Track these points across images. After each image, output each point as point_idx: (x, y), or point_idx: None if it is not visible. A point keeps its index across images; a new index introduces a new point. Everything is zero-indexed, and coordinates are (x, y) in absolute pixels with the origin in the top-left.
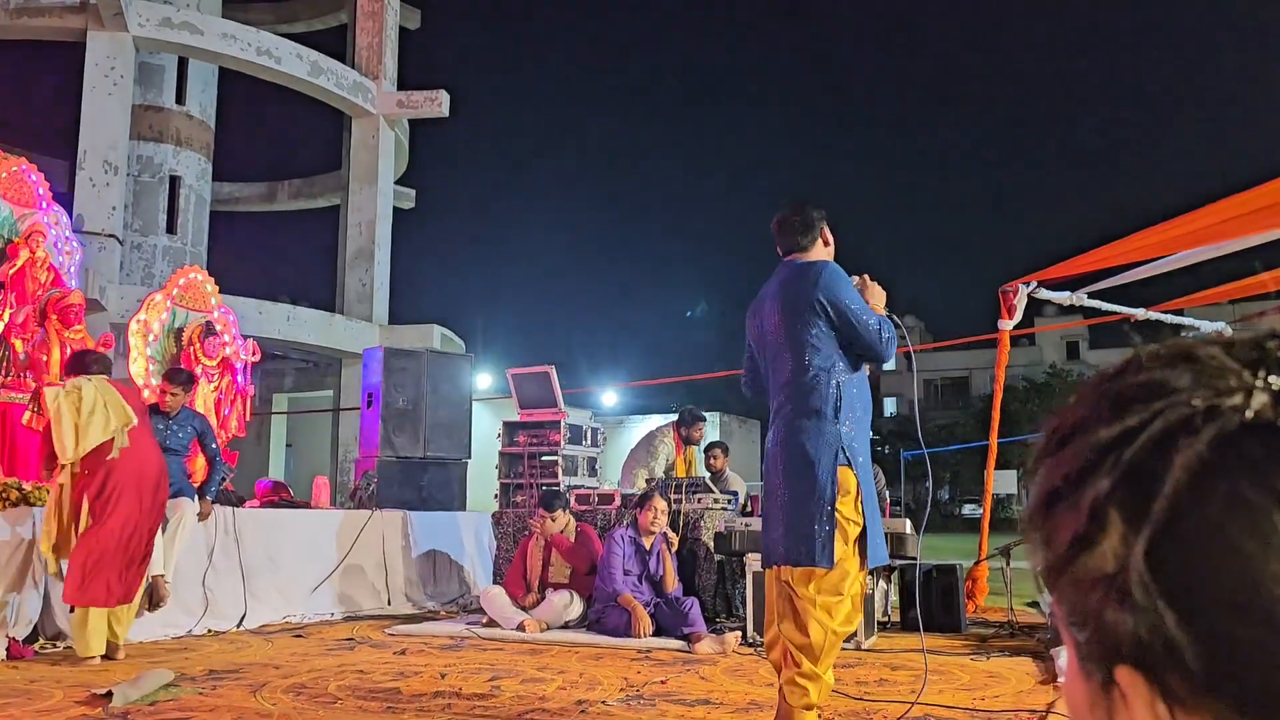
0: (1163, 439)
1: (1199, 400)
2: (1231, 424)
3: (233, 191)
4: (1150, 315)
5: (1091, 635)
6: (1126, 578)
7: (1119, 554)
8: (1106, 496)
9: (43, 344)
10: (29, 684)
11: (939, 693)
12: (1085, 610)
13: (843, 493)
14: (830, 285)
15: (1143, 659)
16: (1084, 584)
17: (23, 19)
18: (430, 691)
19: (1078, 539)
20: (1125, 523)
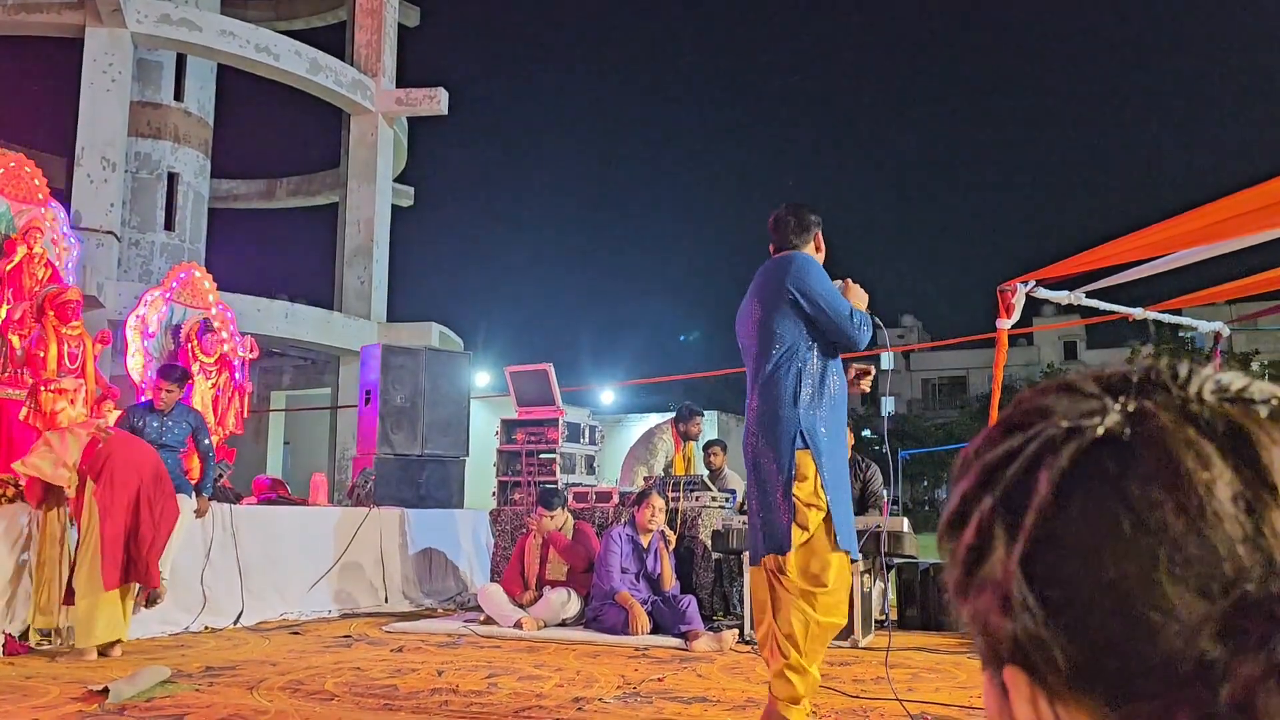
0: (1034, 458)
1: (1065, 421)
2: (1087, 441)
3: (231, 188)
4: (1148, 315)
5: (986, 640)
6: (1007, 584)
7: (1003, 564)
8: (991, 511)
9: (40, 340)
10: (25, 680)
11: (935, 691)
12: (980, 617)
13: (800, 477)
14: (799, 274)
15: (1022, 657)
16: (979, 593)
17: (20, 15)
18: (427, 689)
19: (973, 552)
20: (1006, 535)
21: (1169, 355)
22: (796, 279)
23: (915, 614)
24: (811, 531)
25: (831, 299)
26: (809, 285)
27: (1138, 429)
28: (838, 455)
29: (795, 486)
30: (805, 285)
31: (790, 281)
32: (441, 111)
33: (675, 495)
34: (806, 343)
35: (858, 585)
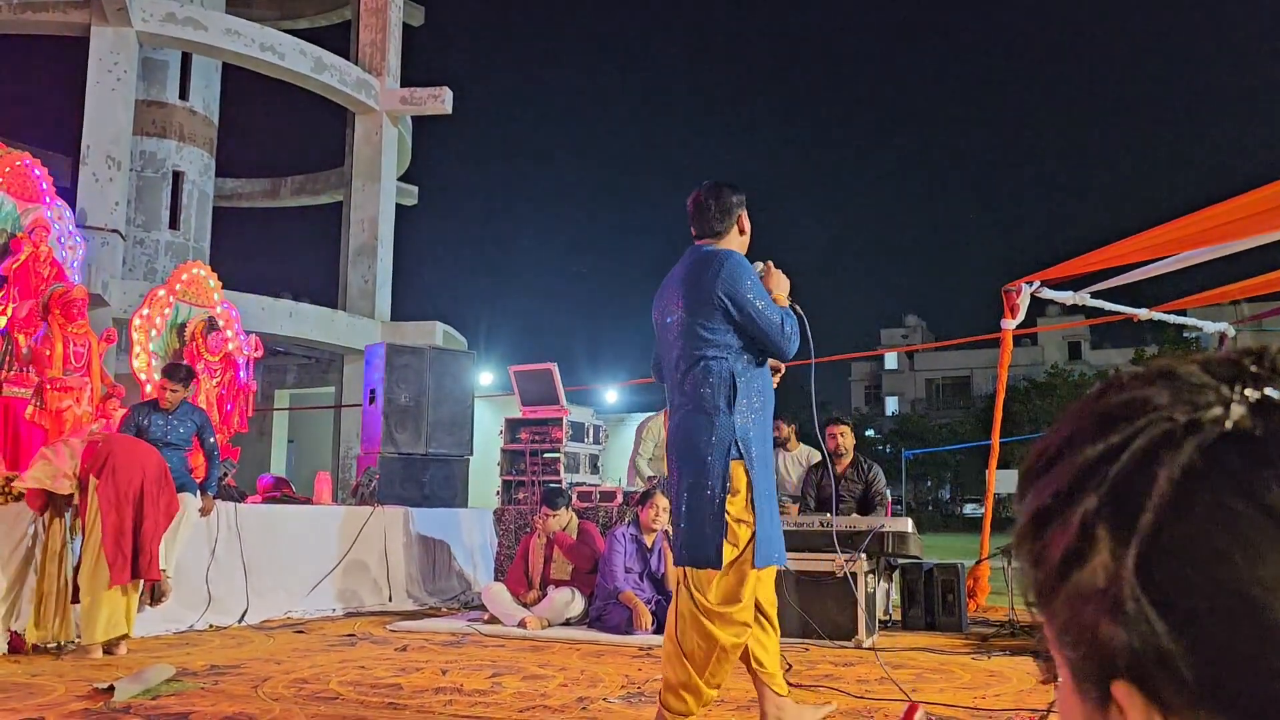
0: (1146, 454)
1: (1180, 415)
2: (1211, 436)
3: (235, 187)
4: (1153, 315)
5: (1086, 652)
6: (1119, 592)
7: (1109, 569)
8: (1095, 513)
9: (45, 339)
10: (31, 678)
11: (940, 691)
12: (1079, 627)
13: (733, 491)
14: (731, 278)
15: (1138, 672)
16: (1077, 601)
17: (26, 13)
18: (431, 688)
19: (1069, 556)
20: (1114, 538)
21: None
22: (727, 284)
23: (919, 614)
24: (741, 549)
25: (765, 310)
26: (740, 292)
27: (1269, 422)
28: (768, 464)
29: (728, 502)
30: (736, 292)
31: (720, 287)
32: (446, 111)
33: None
34: (737, 347)
35: (861, 585)
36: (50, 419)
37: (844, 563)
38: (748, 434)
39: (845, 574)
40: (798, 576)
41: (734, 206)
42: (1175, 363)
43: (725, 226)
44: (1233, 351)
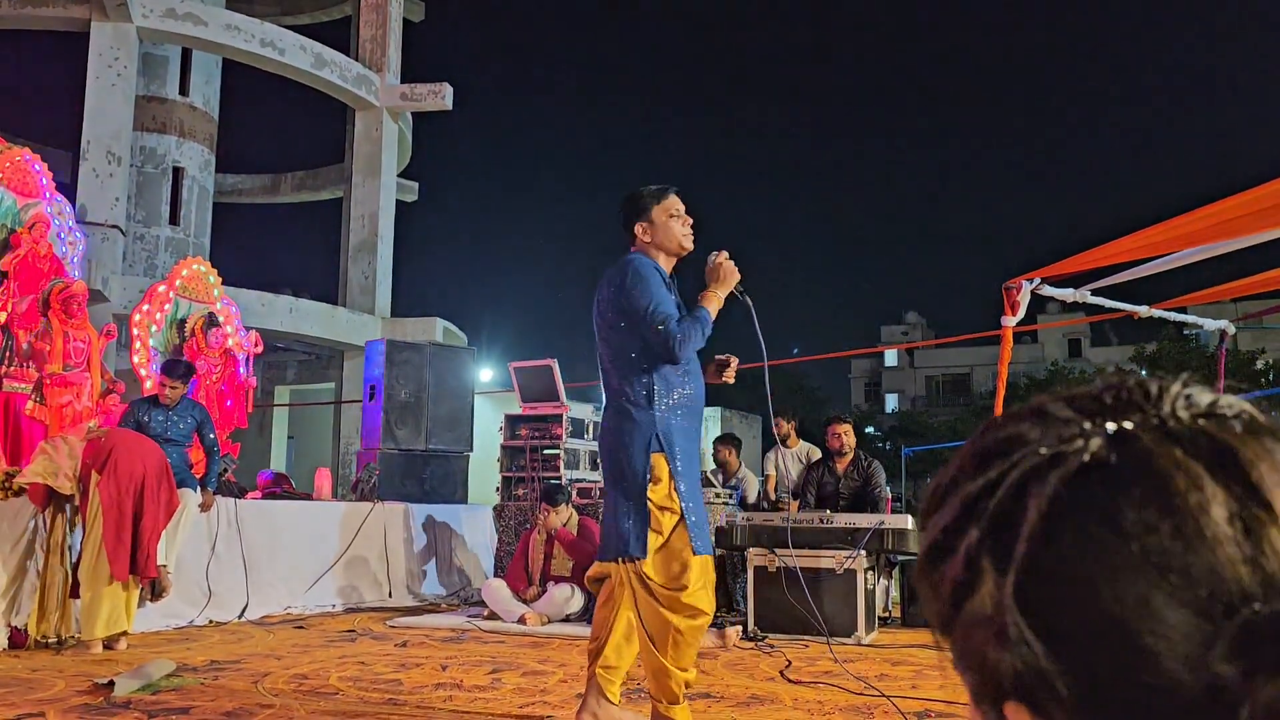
0: (1018, 486)
1: (1045, 449)
2: (1073, 467)
3: (236, 183)
4: (1154, 313)
5: (980, 676)
6: (1001, 618)
7: (994, 597)
8: (978, 544)
9: (45, 334)
10: (31, 673)
11: (939, 688)
12: (972, 652)
13: (654, 480)
14: (628, 286)
15: (1024, 692)
16: (969, 628)
17: (27, 9)
18: (431, 684)
19: (959, 587)
20: (995, 567)
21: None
22: (625, 290)
23: (919, 611)
24: (665, 535)
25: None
26: (631, 299)
27: (1122, 452)
28: (693, 457)
29: (650, 490)
30: (628, 298)
31: (620, 292)
32: (446, 106)
33: None
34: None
35: (861, 582)
36: (50, 414)
37: (844, 559)
38: (669, 428)
39: (845, 570)
40: (798, 573)
41: (644, 204)
42: (1046, 401)
43: (631, 233)
44: (1097, 386)
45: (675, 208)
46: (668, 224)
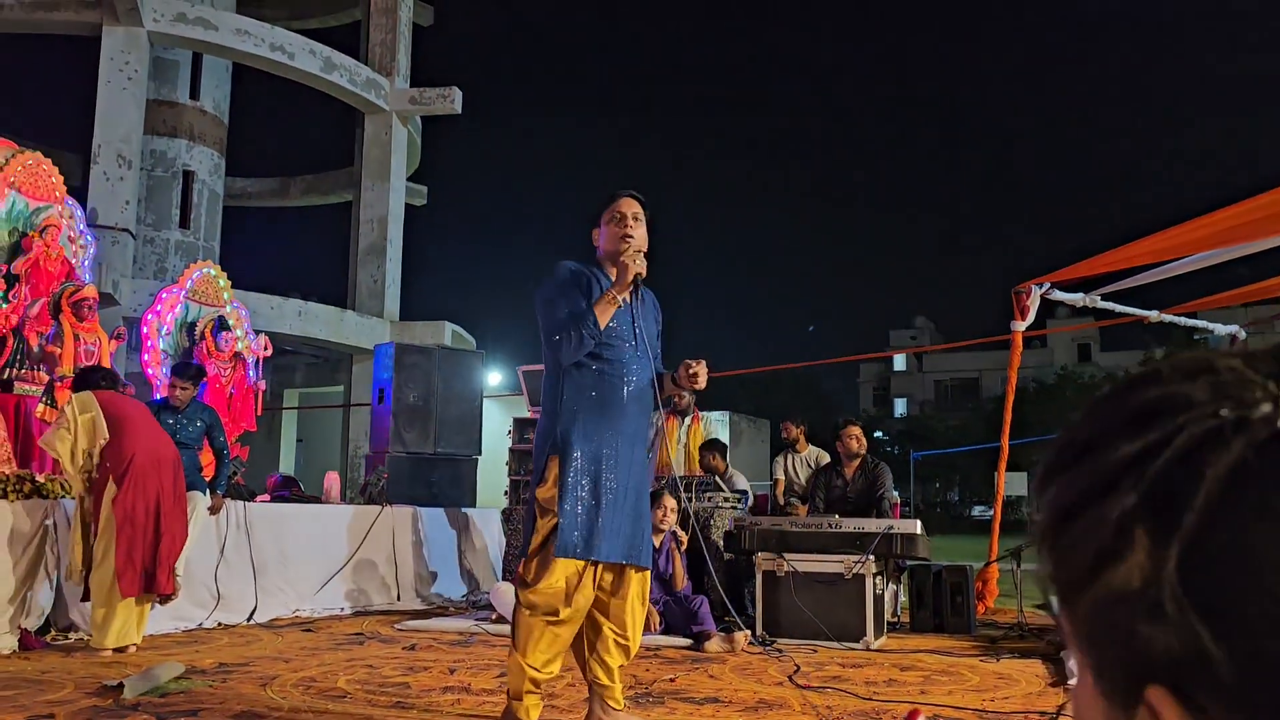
0: (1189, 452)
1: (1226, 412)
2: (1261, 435)
3: (245, 187)
4: (1164, 318)
5: (1116, 654)
6: (1158, 594)
7: (1146, 570)
8: (1132, 512)
9: (56, 337)
10: (41, 675)
11: (948, 694)
12: (1109, 628)
13: (543, 480)
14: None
15: (1175, 676)
16: (1107, 601)
17: (39, 13)
18: (439, 687)
19: (1101, 555)
20: (1153, 539)
21: None
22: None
23: (927, 616)
24: (543, 535)
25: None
26: (536, 301)
27: None
28: (596, 460)
29: (539, 490)
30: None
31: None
32: (455, 111)
33: (687, 495)
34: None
35: (870, 587)
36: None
37: (852, 564)
38: (570, 431)
39: (853, 575)
40: (806, 577)
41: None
42: (1214, 357)
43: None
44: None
45: (616, 210)
46: (606, 229)
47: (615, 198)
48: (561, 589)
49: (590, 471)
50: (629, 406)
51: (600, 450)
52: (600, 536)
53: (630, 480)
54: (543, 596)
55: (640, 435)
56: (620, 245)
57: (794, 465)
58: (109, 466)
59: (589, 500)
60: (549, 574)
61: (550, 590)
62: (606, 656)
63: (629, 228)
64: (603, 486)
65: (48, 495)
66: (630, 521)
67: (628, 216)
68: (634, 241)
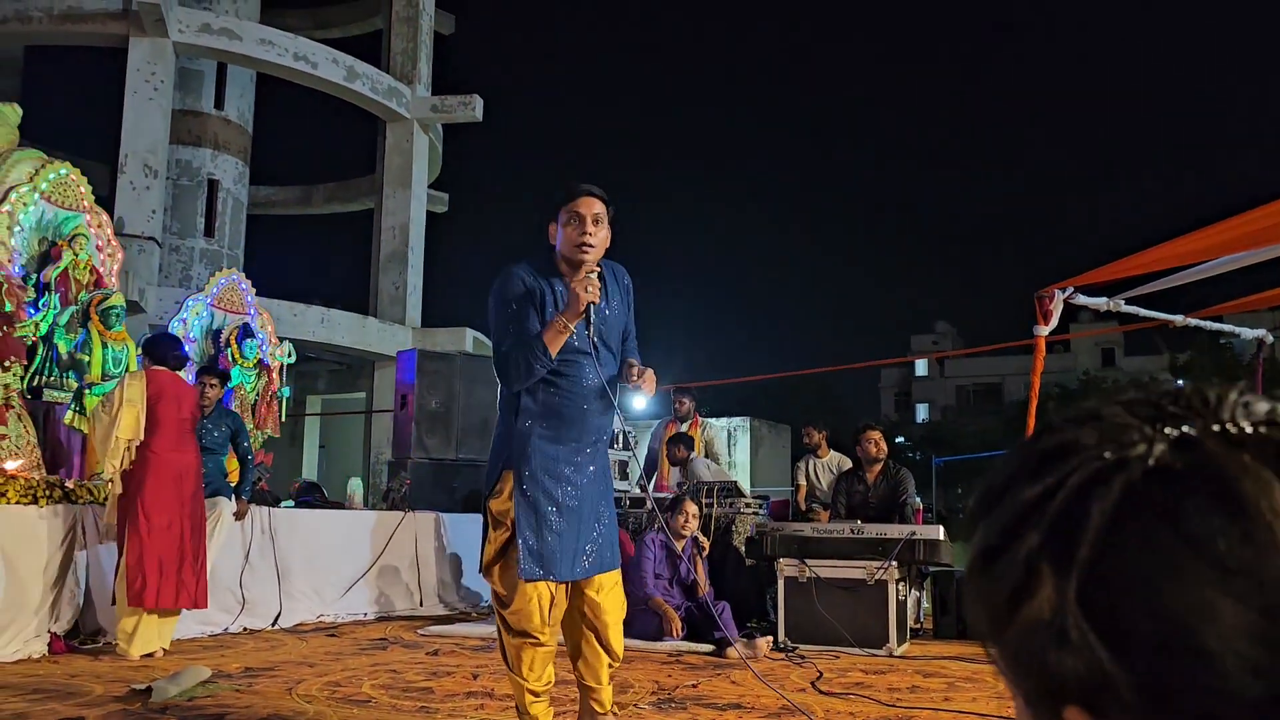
0: (1080, 491)
1: (1108, 453)
2: (1137, 472)
3: (269, 195)
4: (1189, 322)
5: (1037, 681)
6: (1063, 622)
7: (1053, 602)
8: (1038, 549)
9: (85, 345)
10: (69, 679)
11: (972, 701)
12: (1029, 657)
13: (496, 493)
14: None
15: (1085, 697)
16: (1026, 633)
17: (66, 25)
18: (463, 692)
19: (1016, 591)
20: (1056, 572)
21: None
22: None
23: (951, 623)
24: (496, 546)
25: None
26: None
27: (1186, 458)
28: (554, 476)
29: (492, 502)
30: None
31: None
32: (476, 118)
33: (709, 501)
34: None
35: (892, 593)
36: (89, 424)
37: (875, 570)
38: (525, 444)
39: (876, 581)
40: (828, 583)
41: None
42: (1100, 406)
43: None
44: (1152, 393)
45: (575, 210)
46: (563, 229)
47: (574, 195)
48: (534, 609)
49: (548, 488)
50: (589, 417)
51: (558, 465)
52: (564, 556)
53: (591, 490)
54: (520, 620)
55: (601, 442)
56: (577, 254)
57: (815, 471)
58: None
59: (549, 519)
60: (520, 596)
61: (524, 612)
62: (592, 659)
63: (588, 234)
64: (563, 504)
65: (76, 501)
66: (594, 533)
67: (587, 219)
68: (589, 255)
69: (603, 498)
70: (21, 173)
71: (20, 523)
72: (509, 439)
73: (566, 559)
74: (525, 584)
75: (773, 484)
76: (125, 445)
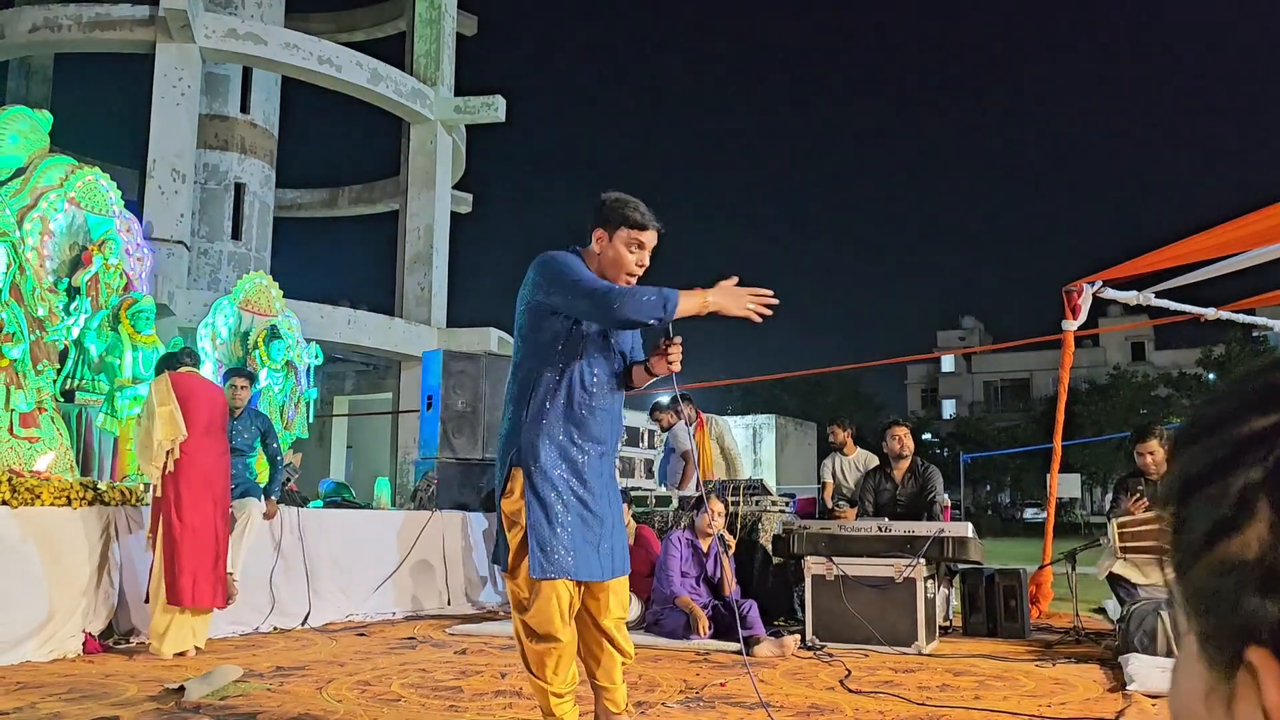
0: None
1: None
2: None
3: (295, 198)
4: (1221, 315)
5: (1223, 619)
6: (1274, 565)
7: (1264, 541)
8: (1258, 485)
9: (115, 348)
10: (104, 678)
11: (1003, 699)
12: (1221, 594)
13: (508, 493)
14: (538, 272)
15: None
16: (1221, 570)
17: (95, 32)
18: (491, 691)
19: (1220, 524)
20: (1276, 511)
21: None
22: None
23: (981, 621)
24: (514, 549)
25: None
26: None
27: None
28: (572, 475)
29: (504, 501)
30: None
31: (527, 286)
32: (499, 119)
33: (735, 499)
34: (534, 353)
35: (921, 591)
36: (121, 426)
37: (903, 568)
38: (535, 439)
39: (904, 579)
40: (856, 581)
41: (597, 218)
42: None
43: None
44: None
45: (641, 239)
46: (621, 249)
47: (647, 225)
48: (554, 610)
49: (561, 485)
50: (596, 418)
51: (569, 463)
52: (580, 555)
53: (601, 491)
54: (540, 624)
55: (609, 447)
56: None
57: (842, 468)
58: (174, 469)
59: (563, 517)
60: (540, 597)
61: (545, 614)
62: (605, 660)
63: (644, 265)
64: (577, 500)
65: (110, 503)
66: (610, 534)
67: (648, 250)
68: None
69: (613, 502)
70: (52, 178)
71: (55, 524)
72: (516, 435)
73: (585, 558)
74: (543, 584)
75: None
76: (167, 448)
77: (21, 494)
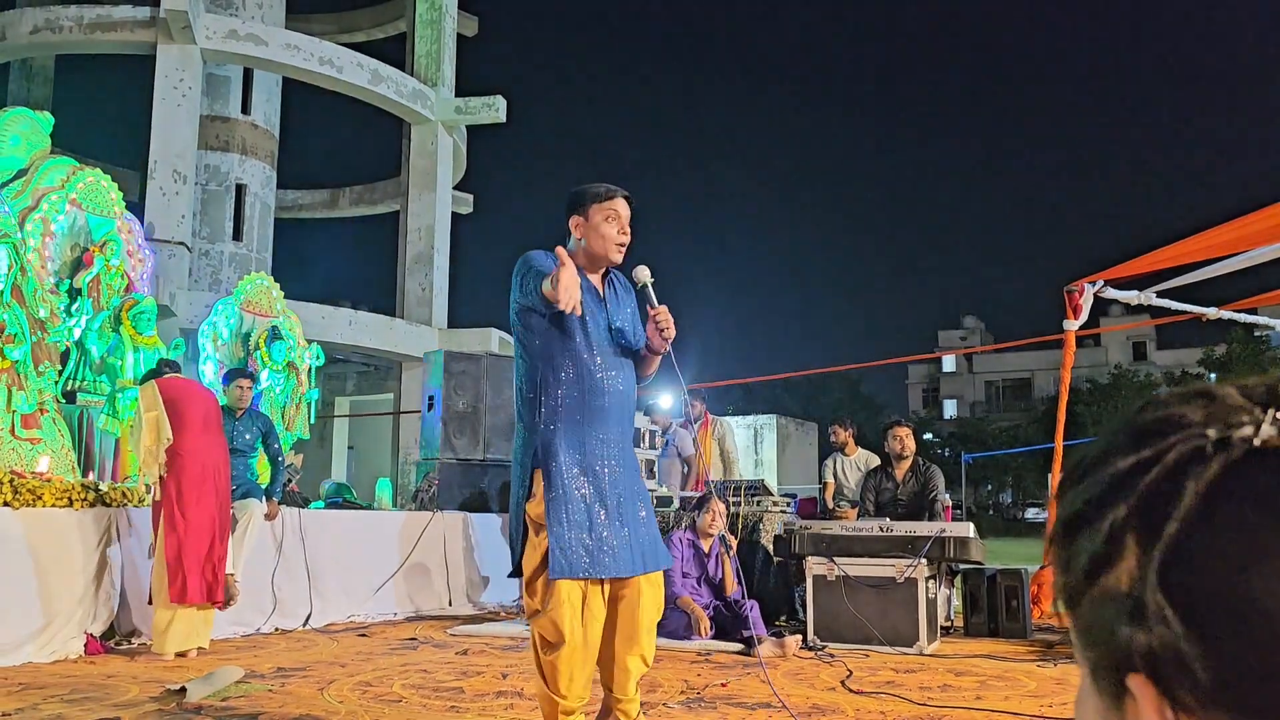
0: (1176, 467)
1: (1212, 432)
2: (1239, 452)
3: (296, 199)
4: (1222, 314)
5: (1105, 650)
6: (1141, 595)
7: (1133, 574)
8: (1124, 521)
9: (116, 349)
10: (106, 679)
11: (1004, 700)
12: (1101, 627)
13: (532, 495)
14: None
15: (1154, 670)
16: (1101, 603)
17: (95, 33)
18: (493, 691)
19: (1096, 561)
20: (1140, 545)
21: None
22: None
23: (981, 621)
24: (541, 552)
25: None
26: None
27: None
28: (592, 472)
29: (529, 505)
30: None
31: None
32: (500, 119)
33: (736, 500)
34: (536, 354)
35: (922, 591)
36: (122, 427)
37: (904, 568)
38: (551, 441)
39: (905, 579)
40: (857, 582)
41: (570, 208)
42: (1213, 386)
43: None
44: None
45: (613, 208)
46: (600, 225)
47: (613, 195)
48: (567, 613)
49: (583, 483)
50: (610, 411)
51: (588, 459)
52: (606, 551)
53: (626, 485)
54: (555, 629)
55: (626, 439)
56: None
57: (843, 469)
58: (174, 468)
59: (586, 514)
60: (554, 599)
61: (558, 617)
62: (619, 672)
63: (627, 233)
64: (600, 497)
65: (111, 504)
66: (636, 528)
67: (624, 218)
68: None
69: (639, 495)
70: (53, 179)
71: (56, 525)
72: (533, 437)
73: (612, 554)
74: (559, 585)
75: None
76: (158, 451)
77: (23, 495)
